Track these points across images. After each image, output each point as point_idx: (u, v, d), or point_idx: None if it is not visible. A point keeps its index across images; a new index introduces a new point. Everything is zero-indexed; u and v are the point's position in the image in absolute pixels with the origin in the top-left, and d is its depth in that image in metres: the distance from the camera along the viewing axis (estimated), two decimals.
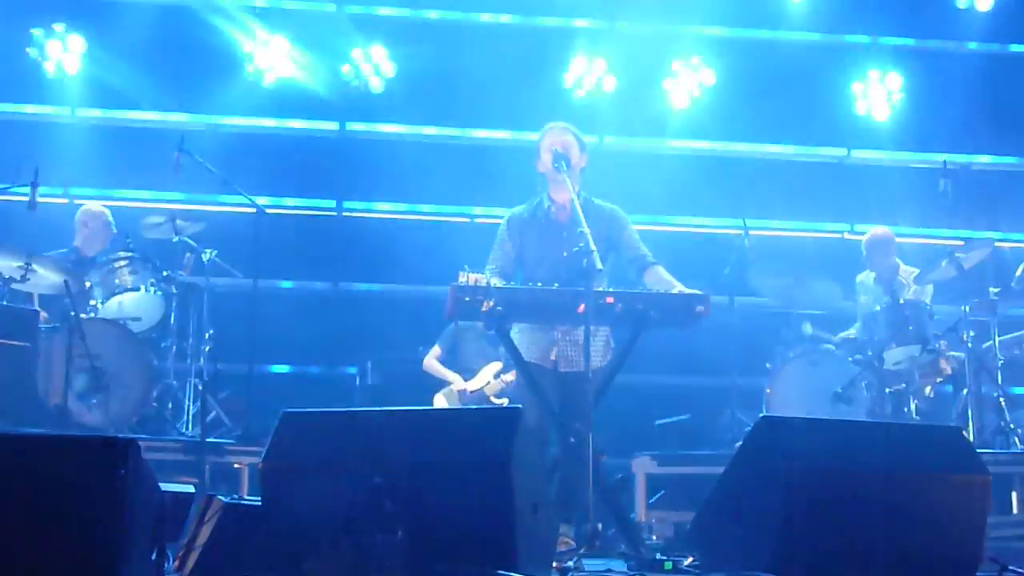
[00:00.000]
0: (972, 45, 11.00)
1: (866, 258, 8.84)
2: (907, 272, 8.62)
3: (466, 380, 8.64)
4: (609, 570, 4.85)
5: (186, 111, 10.17)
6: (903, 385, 8.02)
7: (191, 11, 10.05)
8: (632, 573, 4.90)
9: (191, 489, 4.66)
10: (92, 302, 7.79)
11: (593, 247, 5.44)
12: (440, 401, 8.59)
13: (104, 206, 8.69)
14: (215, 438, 7.67)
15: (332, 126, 10.65)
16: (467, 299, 5.56)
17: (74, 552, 3.50)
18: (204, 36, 10.01)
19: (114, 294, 7.79)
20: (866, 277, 8.90)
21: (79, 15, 9.95)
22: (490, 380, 8.56)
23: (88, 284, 7.80)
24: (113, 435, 6.66)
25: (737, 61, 10.61)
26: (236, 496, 5.51)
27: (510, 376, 8.28)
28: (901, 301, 8.05)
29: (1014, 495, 7.31)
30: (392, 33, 10.43)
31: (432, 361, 8.84)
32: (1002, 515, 6.80)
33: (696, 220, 10.81)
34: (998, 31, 10.85)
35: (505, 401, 8.33)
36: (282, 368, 9.97)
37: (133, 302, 7.84)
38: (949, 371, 8.14)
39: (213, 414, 8.04)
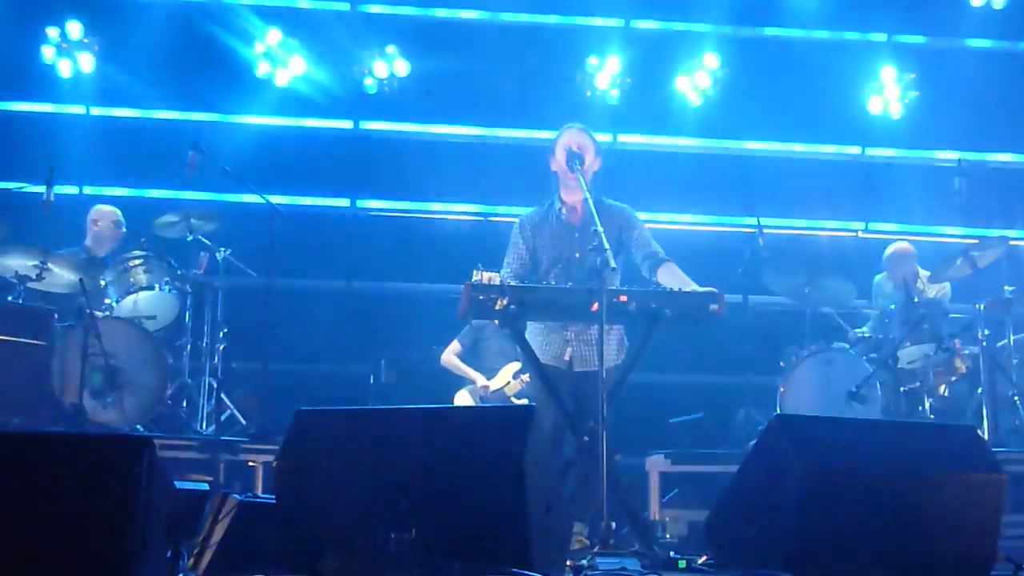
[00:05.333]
0: (987, 43, 10.96)
1: (885, 269, 8.87)
2: (926, 277, 8.62)
3: (487, 379, 8.65)
4: (623, 568, 4.84)
5: (200, 110, 10.20)
6: (918, 384, 8.01)
7: (206, 10, 10.08)
8: (646, 572, 4.90)
9: (206, 487, 4.68)
10: (107, 301, 7.82)
11: (606, 245, 5.44)
12: (463, 398, 8.59)
13: (116, 206, 8.72)
14: (229, 436, 7.70)
15: (346, 125, 10.66)
16: (481, 298, 5.56)
17: (89, 550, 3.51)
18: (219, 35, 10.04)
19: (129, 293, 7.83)
20: (884, 280, 8.91)
21: (94, 15, 9.99)
22: (510, 380, 8.57)
23: (103, 283, 7.83)
24: (128, 433, 6.76)
25: (751, 59, 10.60)
26: (250, 494, 5.53)
27: (528, 376, 8.27)
28: (916, 300, 8.03)
29: None
30: (406, 32, 10.44)
31: (451, 357, 8.84)
32: (1017, 514, 6.77)
33: (709, 218, 10.80)
34: (1013, 29, 10.81)
35: (524, 401, 8.32)
36: (296, 366, 9.98)
37: (148, 301, 7.87)
38: (964, 370, 8.13)
39: (227, 412, 8.08)
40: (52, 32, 9.90)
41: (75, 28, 9.91)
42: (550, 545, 4.44)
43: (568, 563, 4.78)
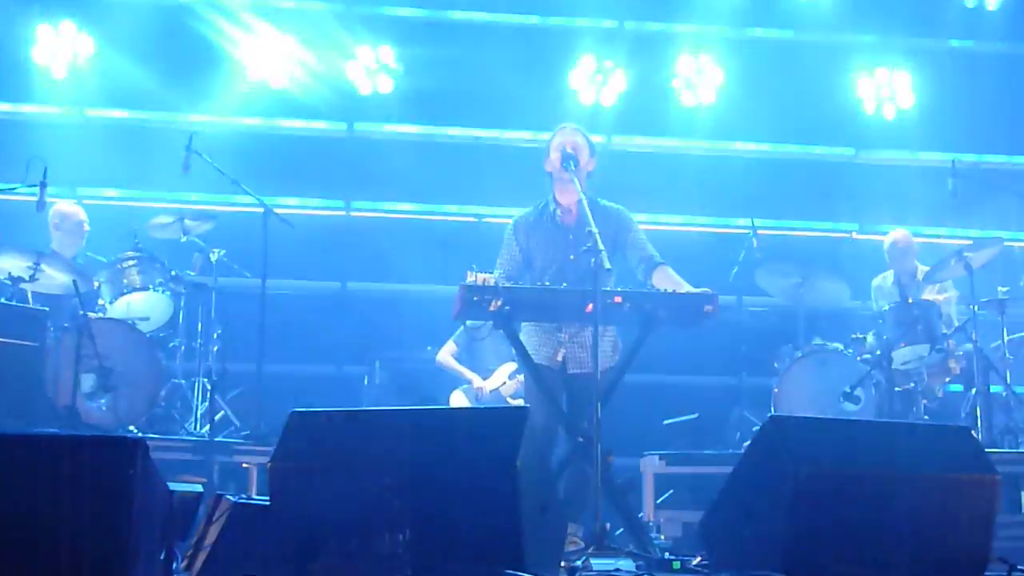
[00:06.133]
0: (981, 44, 10.97)
1: (888, 261, 8.88)
2: (923, 273, 8.63)
3: (482, 379, 8.65)
4: (617, 570, 4.84)
5: (194, 111, 10.18)
6: (912, 384, 8.01)
7: (199, 11, 10.06)
8: (640, 573, 4.90)
9: (199, 489, 4.67)
10: (100, 302, 7.80)
11: (601, 246, 5.44)
12: (458, 399, 8.59)
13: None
14: (223, 437, 7.68)
15: (340, 126, 10.66)
16: (475, 298, 5.56)
17: (83, 552, 3.51)
18: (212, 36, 10.02)
19: (122, 294, 7.80)
20: (883, 281, 8.91)
21: (87, 14, 9.97)
22: (506, 380, 8.56)
23: (96, 284, 7.82)
24: (122, 435, 6.72)
25: (745, 60, 10.60)
26: (244, 496, 5.52)
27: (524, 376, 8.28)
28: (910, 300, 8.04)
29: (1023, 495, 7.29)
30: (400, 33, 10.44)
31: (447, 357, 8.83)
32: (1011, 515, 6.78)
33: (704, 220, 10.81)
34: (1006, 30, 10.82)
35: (521, 402, 8.31)
36: (290, 368, 9.97)
37: (141, 302, 7.86)
38: (958, 370, 8.14)
39: (221, 414, 8.06)
40: (45, 32, 9.87)
41: (68, 28, 9.88)
42: (544, 546, 4.44)
43: (562, 564, 4.78)
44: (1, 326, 7.20)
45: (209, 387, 7.95)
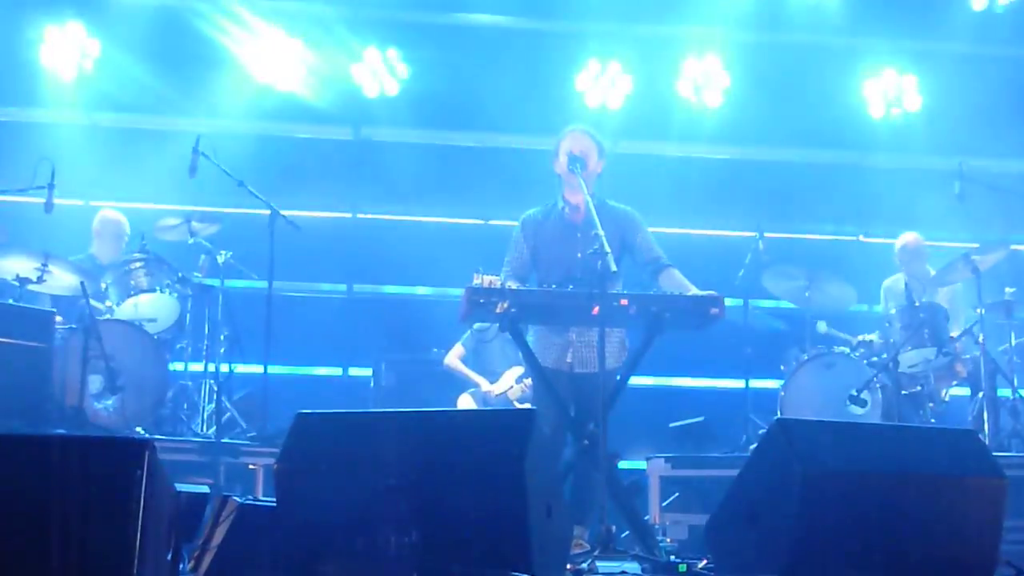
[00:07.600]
0: (988, 47, 10.94)
1: (899, 264, 8.86)
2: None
3: (489, 383, 8.65)
4: (623, 572, 4.85)
5: (201, 115, 10.17)
6: (918, 388, 8.01)
7: (206, 15, 10.06)
8: (646, 575, 4.90)
9: (206, 490, 4.67)
10: (108, 303, 7.82)
11: (608, 249, 5.44)
12: (465, 401, 8.59)
13: (119, 211, 8.74)
14: (230, 439, 7.69)
15: (346, 130, 10.66)
16: (481, 301, 5.56)
17: (90, 552, 3.51)
18: (219, 39, 10.03)
19: (129, 295, 7.82)
20: (894, 283, 8.88)
21: (94, 18, 9.98)
22: (512, 384, 8.56)
23: (104, 285, 7.84)
24: (128, 436, 6.75)
25: (752, 64, 10.58)
26: (251, 497, 5.53)
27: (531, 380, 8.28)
28: (916, 304, 8.03)
29: None
30: (406, 37, 10.44)
31: (455, 360, 8.84)
32: (1018, 518, 6.76)
33: (711, 223, 10.79)
34: (1014, 33, 10.80)
35: (528, 406, 8.30)
36: (297, 369, 9.98)
37: (148, 303, 7.87)
38: (964, 374, 8.13)
39: (228, 415, 8.06)
40: (52, 36, 9.87)
41: (75, 32, 9.88)
42: (550, 549, 4.44)
43: (568, 567, 4.78)
44: (9, 327, 7.22)
45: (216, 388, 7.96)
